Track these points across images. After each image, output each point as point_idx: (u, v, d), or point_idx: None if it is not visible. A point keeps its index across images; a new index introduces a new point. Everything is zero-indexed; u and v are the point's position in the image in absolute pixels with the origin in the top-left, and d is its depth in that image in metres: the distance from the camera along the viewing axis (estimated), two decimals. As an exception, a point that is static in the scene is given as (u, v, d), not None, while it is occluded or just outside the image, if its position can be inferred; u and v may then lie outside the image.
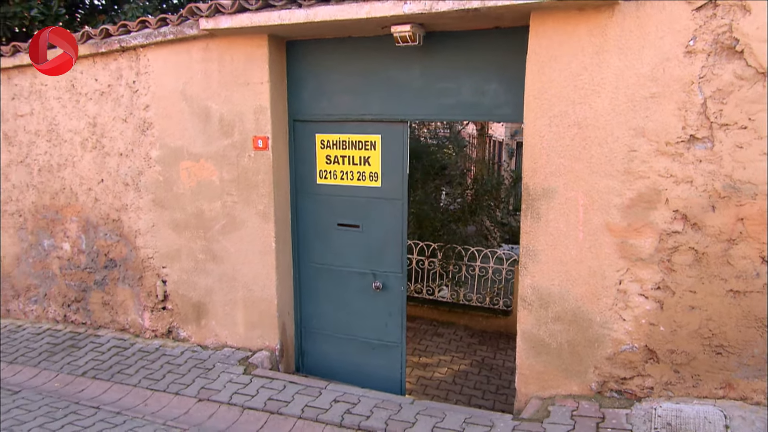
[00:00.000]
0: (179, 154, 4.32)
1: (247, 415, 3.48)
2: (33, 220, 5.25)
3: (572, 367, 3.25)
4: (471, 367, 5.30)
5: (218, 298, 4.39)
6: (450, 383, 4.96)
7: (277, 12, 3.53)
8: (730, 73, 2.67)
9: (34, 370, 4.38)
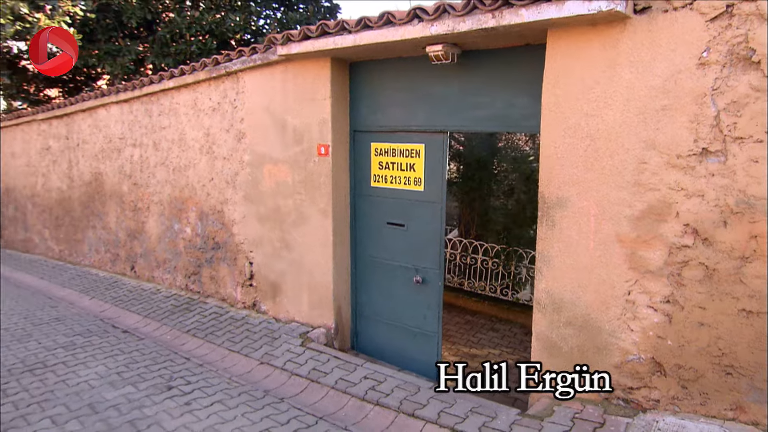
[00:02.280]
0: (263, 158, 4.79)
1: (293, 380, 3.79)
2: (168, 209, 6.13)
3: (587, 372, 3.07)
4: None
5: (289, 280, 4.78)
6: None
7: (332, 38, 3.78)
8: (745, 85, 2.35)
9: (157, 324, 5.15)
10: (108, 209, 7.18)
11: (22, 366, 4.14)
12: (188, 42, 9.68)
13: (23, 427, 3.12)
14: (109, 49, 9.61)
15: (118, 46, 9.67)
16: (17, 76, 11.50)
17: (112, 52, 9.60)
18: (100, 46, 9.61)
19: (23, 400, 3.49)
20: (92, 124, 7.19)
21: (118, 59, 9.48)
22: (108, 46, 9.63)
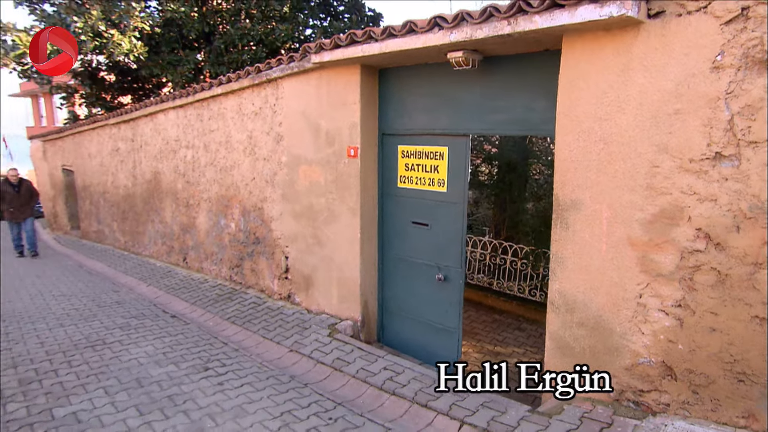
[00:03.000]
0: (299, 159, 4.96)
1: (318, 368, 3.92)
2: (216, 205, 6.46)
3: (596, 371, 3.00)
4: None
5: (320, 274, 4.93)
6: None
7: (360, 46, 3.88)
8: (760, 88, 2.23)
9: (202, 311, 5.45)
10: (164, 205, 7.64)
11: (85, 342, 4.51)
12: (240, 51, 10.12)
13: (81, 394, 3.42)
14: (171, 60, 10.20)
15: (179, 56, 10.24)
16: (96, 86, 12.42)
17: (173, 62, 10.18)
18: (164, 57, 10.21)
19: (83, 371, 3.82)
20: (153, 127, 7.67)
21: (179, 68, 10.04)
22: (170, 57, 10.22)
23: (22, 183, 9.13)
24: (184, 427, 2.94)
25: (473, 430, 2.92)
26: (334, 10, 11.80)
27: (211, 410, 3.16)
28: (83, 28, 8.85)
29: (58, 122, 20.41)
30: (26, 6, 10.56)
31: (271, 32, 10.19)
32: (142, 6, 9.26)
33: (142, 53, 9.29)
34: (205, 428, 2.93)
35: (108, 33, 8.95)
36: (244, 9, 10.25)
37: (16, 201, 8.95)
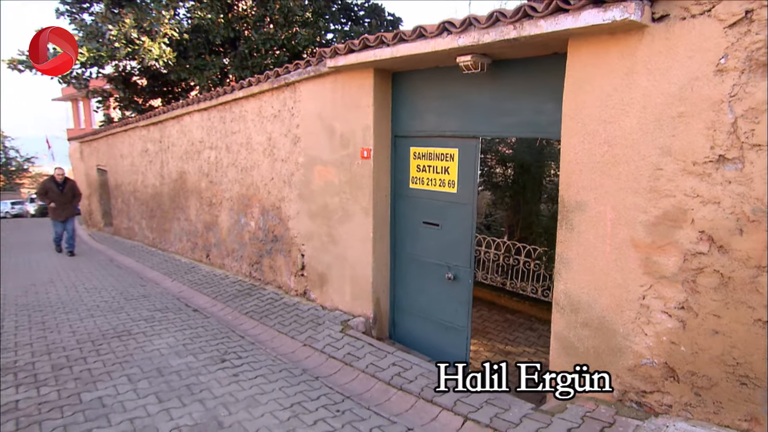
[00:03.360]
0: (314, 160, 5.05)
1: (329, 362, 3.99)
2: (237, 204, 6.61)
3: (597, 371, 2.98)
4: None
5: (334, 272, 5.01)
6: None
7: (373, 51, 3.93)
8: (764, 91, 2.19)
9: (222, 305, 5.60)
10: (189, 204, 7.85)
11: (113, 332, 4.70)
12: (264, 56, 10.31)
13: (107, 381, 3.57)
14: (198, 64, 10.46)
15: (205, 61, 10.50)
16: (129, 90, 12.84)
17: (200, 67, 10.44)
18: (191, 62, 10.48)
19: (110, 360, 3.98)
20: (179, 129, 7.89)
21: (205, 72, 10.29)
22: (197, 62, 10.49)
23: (67, 182, 9.15)
24: (199, 414, 3.05)
25: (476, 425, 2.94)
26: (355, 14, 11.90)
27: (225, 399, 3.26)
28: (117, 36, 9.18)
29: (95, 125, 21.12)
30: (67, 16, 11.03)
31: (293, 37, 10.35)
32: (172, 14, 9.53)
33: (171, 58, 9.56)
34: (219, 416, 3.03)
35: (140, 40, 9.25)
36: (268, 15, 10.44)
37: (60, 200, 8.95)
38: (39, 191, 9.02)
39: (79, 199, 9.46)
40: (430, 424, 3.04)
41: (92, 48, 9.23)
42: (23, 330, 4.84)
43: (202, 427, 2.90)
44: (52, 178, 8.98)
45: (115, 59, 9.73)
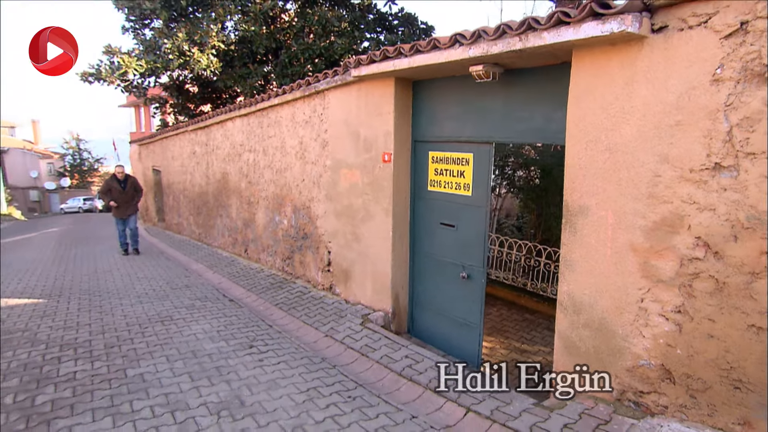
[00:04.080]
0: (340, 163, 5.22)
1: (347, 352, 4.14)
2: (272, 203, 6.90)
3: (597, 371, 2.99)
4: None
5: (357, 268, 5.16)
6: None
7: (392, 61, 4.06)
8: (759, 101, 2.16)
9: (255, 297, 5.88)
10: (231, 202, 8.24)
11: (157, 317, 5.05)
12: (302, 64, 10.63)
13: (148, 359, 3.88)
14: (242, 73, 10.92)
15: (249, 69, 10.94)
16: (182, 97, 13.53)
17: (244, 75, 10.89)
18: (236, 71, 10.95)
19: (152, 341, 4.31)
20: (223, 133, 8.30)
21: (248, 80, 10.73)
22: (242, 71, 10.95)
23: (128, 179, 8.84)
24: (225, 393, 3.28)
25: (477, 416, 3.01)
26: (389, 24, 12.04)
27: (249, 381, 3.48)
28: (171, 48, 9.74)
29: (153, 129, 22.31)
30: (131, 32, 11.78)
31: (330, 46, 10.62)
32: (219, 27, 10.00)
33: (217, 68, 10.04)
34: (242, 396, 3.24)
35: (190, 51, 9.77)
36: (307, 26, 10.75)
37: (122, 197, 8.65)
38: (102, 189, 8.85)
39: (141, 195, 9.10)
40: (434, 414, 3.14)
41: (149, 60, 9.83)
42: (84, 312, 5.29)
43: (225, 404, 3.12)
44: (113, 176, 8.75)
45: (169, 69, 10.31)
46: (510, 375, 4.77)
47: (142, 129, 31.76)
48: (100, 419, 2.93)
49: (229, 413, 3.00)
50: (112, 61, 10.14)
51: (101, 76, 10.11)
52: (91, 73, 10.24)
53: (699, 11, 2.31)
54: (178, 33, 9.81)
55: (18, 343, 4.29)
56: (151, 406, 3.08)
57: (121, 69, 9.98)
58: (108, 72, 10.02)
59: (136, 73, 10.17)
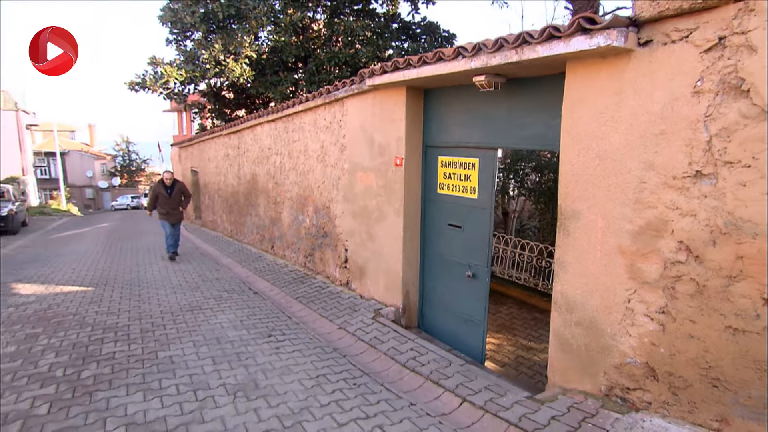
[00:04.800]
0: (357, 166, 5.40)
1: (358, 344, 4.31)
2: (296, 203, 7.16)
3: (587, 368, 3.04)
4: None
5: (371, 266, 5.33)
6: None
7: (402, 72, 4.20)
8: (735, 112, 2.19)
9: (278, 290, 6.13)
10: (259, 201, 8.57)
11: (188, 306, 5.37)
12: (329, 71, 10.89)
13: (177, 343, 4.17)
14: (274, 80, 11.28)
15: (279, 77, 11.29)
16: (219, 102, 14.06)
17: (275, 82, 11.25)
18: (267, 78, 11.33)
19: (182, 328, 4.60)
20: (252, 137, 8.63)
21: (279, 87, 11.07)
22: (273, 78, 11.31)
23: (175, 185, 8.22)
24: (242, 376, 3.50)
25: (471, 406, 3.11)
26: (413, 32, 12.15)
27: (264, 367, 3.69)
28: (208, 59, 10.19)
29: (193, 132, 23.18)
30: (174, 44, 12.37)
31: (355, 54, 10.83)
32: (252, 38, 10.38)
33: (250, 76, 10.42)
34: (257, 379, 3.46)
35: (225, 61, 10.19)
36: (334, 35, 11.01)
37: (168, 204, 8.10)
38: (150, 198, 8.24)
39: (188, 200, 8.45)
40: (432, 402, 3.26)
41: (189, 69, 10.32)
42: (125, 300, 5.67)
43: (242, 386, 3.35)
44: (161, 181, 8.17)
45: (206, 78, 10.78)
46: (515, 371, 4.84)
47: (183, 132, 32.97)
48: (132, 393, 3.20)
49: (244, 394, 3.22)
50: (155, 71, 10.69)
51: (146, 84, 10.67)
52: (137, 82, 10.83)
53: (681, 26, 2.35)
54: (214, 44, 10.25)
55: (69, 325, 4.68)
56: (177, 384, 3.34)
57: (164, 78, 10.51)
58: (152, 81, 10.57)
59: (177, 82, 10.68)
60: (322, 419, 2.92)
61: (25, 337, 4.32)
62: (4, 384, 3.33)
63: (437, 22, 12.05)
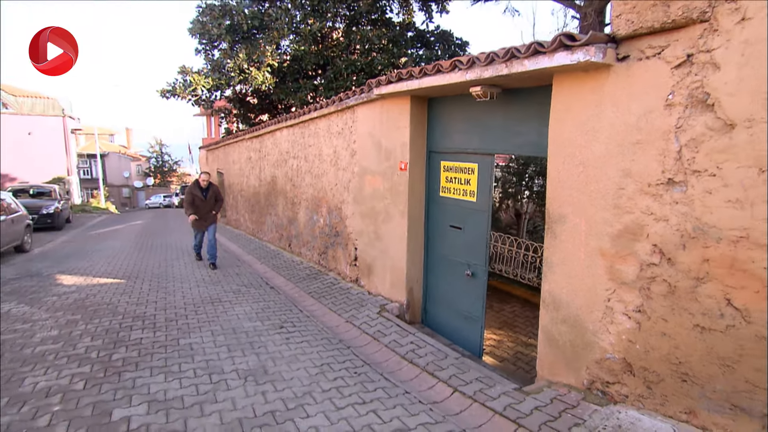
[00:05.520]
0: (366, 170, 5.58)
1: (362, 336, 4.48)
2: (311, 204, 7.39)
3: (571, 362, 3.13)
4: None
5: (378, 264, 5.50)
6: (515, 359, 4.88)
7: (405, 82, 4.36)
8: (702, 125, 2.27)
9: (292, 285, 6.36)
10: (278, 202, 8.84)
11: (209, 299, 5.65)
12: (346, 79, 11.11)
13: (197, 332, 4.43)
14: (294, 87, 11.58)
15: (299, 84, 11.58)
16: (244, 108, 14.47)
17: (295, 89, 11.55)
18: (288, 85, 11.63)
19: (202, 318, 4.87)
20: (272, 142, 8.92)
21: (299, 94, 11.36)
22: (293, 85, 11.61)
23: (210, 188, 7.58)
24: (253, 363, 3.73)
25: (461, 396, 3.25)
26: (427, 40, 12.27)
27: (274, 355, 3.91)
28: (232, 67, 10.55)
29: (221, 135, 23.80)
30: (202, 53, 12.84)
31: (371, 62, 11.03)
32: (274, 48, 10.70)
33: (271, 83, 10.74)
34: (267, 366, 3.68)
35: (248, 69, 10.53)
36: (351, 44, 11.23)
37: (202, 208, 7.48)
38: (186, 201, 7.50)
39: (220, 204, 7.82)
40: (425, 391, 3.41)
41: (215, 78, 10.71)
42: (153, 292, 6.01)
43: (252, 371, 3.57)
44: (196, 183, 7.53)
45: (231, 85, 11.16)
46: (513, 366, 4.93)
47: (212, 135, 33.82)
48: (155, 375, 3.46)
49: (254, 379, 3.44)
50: (185, 80, 11.13)
51: (176, 92, 11.12)
52: (168, 90, 11.29)
53: (654, 43, 2.44)
54: (239, 53, 10.61)
55: (103, 313, 5.02)
56: (194, 368, 3.59)
57: (192, 86, 10.94)
58: (181, 89, 11.01)
59: (204, 89, 11.09)
60: (322, 403, 3.11)
61: (66, 322, 4.67)
62: (47, 362, 3.66)
63: (450, 31, 12.14)
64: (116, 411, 2.94)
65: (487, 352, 5.15)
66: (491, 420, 2.91)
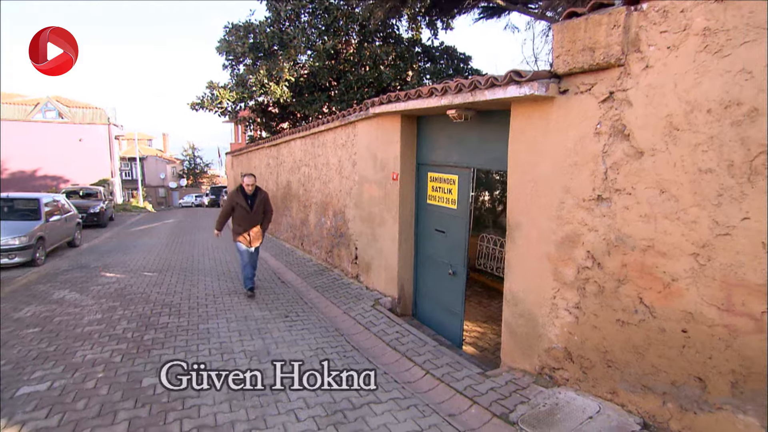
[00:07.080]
0: (364, 179, 5.94)
1: (355, 326, 4.85)
2: (320, 208, 7.79)
3: (526, 351, 3.43)
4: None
5: (375, 262, 5.86)
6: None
7: (394, 104, 4.70)
8: (621, 151, 2.55)
9: (301, 280, 6.78)
10: (292, 205, 9.29)
11: (227, 291, 6.11)
12: (357, 92, 11.50)
13: (214, 319, 4.87)
14: (309, 99, 12.02)
15: (313, 97, 12.02)
16: (266, 117, 14.99)
17: (310, 102, 11.99)
18: (304, 98, 12.08)
19: (219, 307, 5.32)
20: (288, 150, 9.37)
21: (313, 106, 11.80)
22: (308, 98, 12.05)
23: (258, 194, 5.72)
24: (259, 346, 4.14)
25: (431, 377, 3.57)
26: (432, 55, 12.54)
27: (277, 339, 4.31)
28: (254, 82, 11.06)
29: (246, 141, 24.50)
30: (228, 68, 13.41)
31: (379, 76, 11.38)
32: (291, 64, 11.16)
33: (288, 97, 11.21)
34: (269, 348, 4.08)
35: (268, 84, 11.03)
36: (362, 60, 11.60)
37: (247, 220, 5.60)
38: (225, 209, 5.75)
39: (270, 217, 5.93)
40: (402, 373, 3.75)
41: (238, 92, 11.24)
42: (179, 284, 6.51)
43: (257, 352, 3.98)
44: (240, 188, 5.65)
45: (252, 98, 11.67)
46: (492, 355, 5.21)
47: (239, 140, 34.73)
48: (178, 353, 3.91)
49: (258, 358, 3.85)
50: (212, 93, 11.70)
51: (204, 105, 11.70)
52: (197, 102, 11.89)
53: (586, 81, 2.73)
54: (260, 69, 11.11)
55: (138, 301, 5.52)
56: (209, 348, 4.02)
57: (218, 99, 11.50)
58: (209, 102, 11.59)
59: (229, 102, 11.63)
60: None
61: (108, 308, 5.19)
62: (93, 339, 4.17)
63: (454, 46, 12.38)
64: (145, 379, 3.39)
65: (471, 342, 5.44)
66: (452, 398, 3.24)
